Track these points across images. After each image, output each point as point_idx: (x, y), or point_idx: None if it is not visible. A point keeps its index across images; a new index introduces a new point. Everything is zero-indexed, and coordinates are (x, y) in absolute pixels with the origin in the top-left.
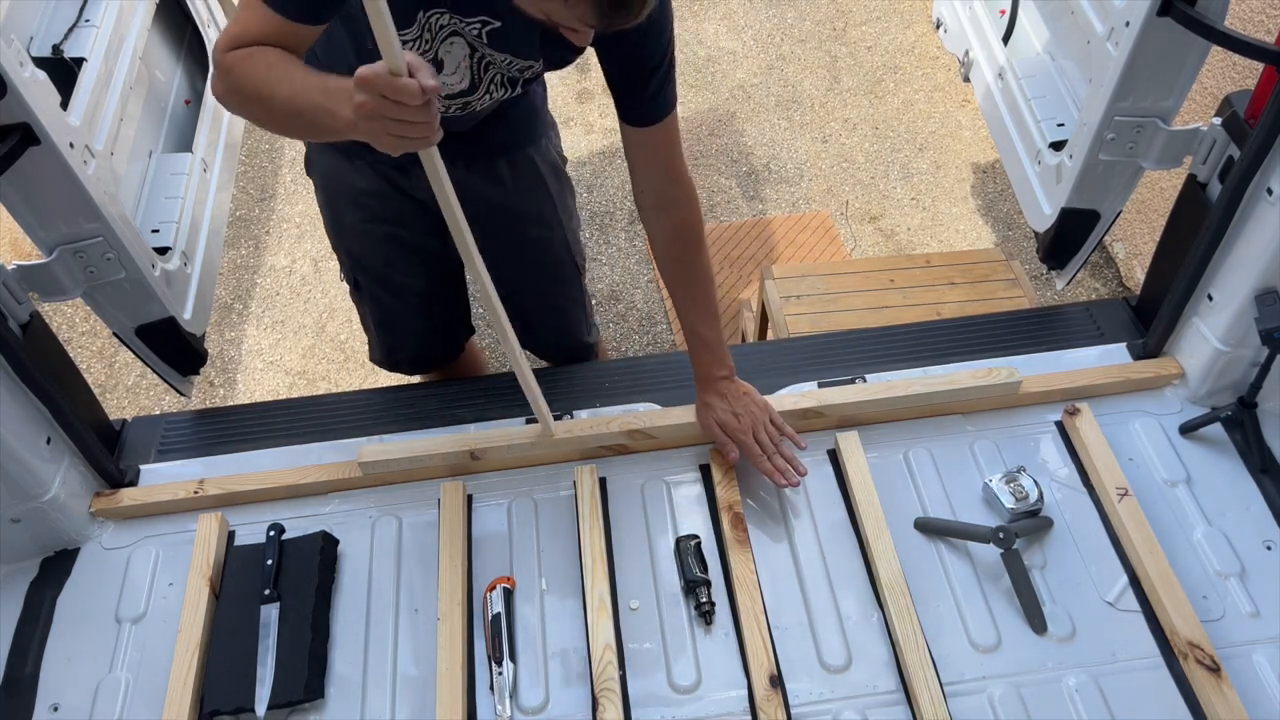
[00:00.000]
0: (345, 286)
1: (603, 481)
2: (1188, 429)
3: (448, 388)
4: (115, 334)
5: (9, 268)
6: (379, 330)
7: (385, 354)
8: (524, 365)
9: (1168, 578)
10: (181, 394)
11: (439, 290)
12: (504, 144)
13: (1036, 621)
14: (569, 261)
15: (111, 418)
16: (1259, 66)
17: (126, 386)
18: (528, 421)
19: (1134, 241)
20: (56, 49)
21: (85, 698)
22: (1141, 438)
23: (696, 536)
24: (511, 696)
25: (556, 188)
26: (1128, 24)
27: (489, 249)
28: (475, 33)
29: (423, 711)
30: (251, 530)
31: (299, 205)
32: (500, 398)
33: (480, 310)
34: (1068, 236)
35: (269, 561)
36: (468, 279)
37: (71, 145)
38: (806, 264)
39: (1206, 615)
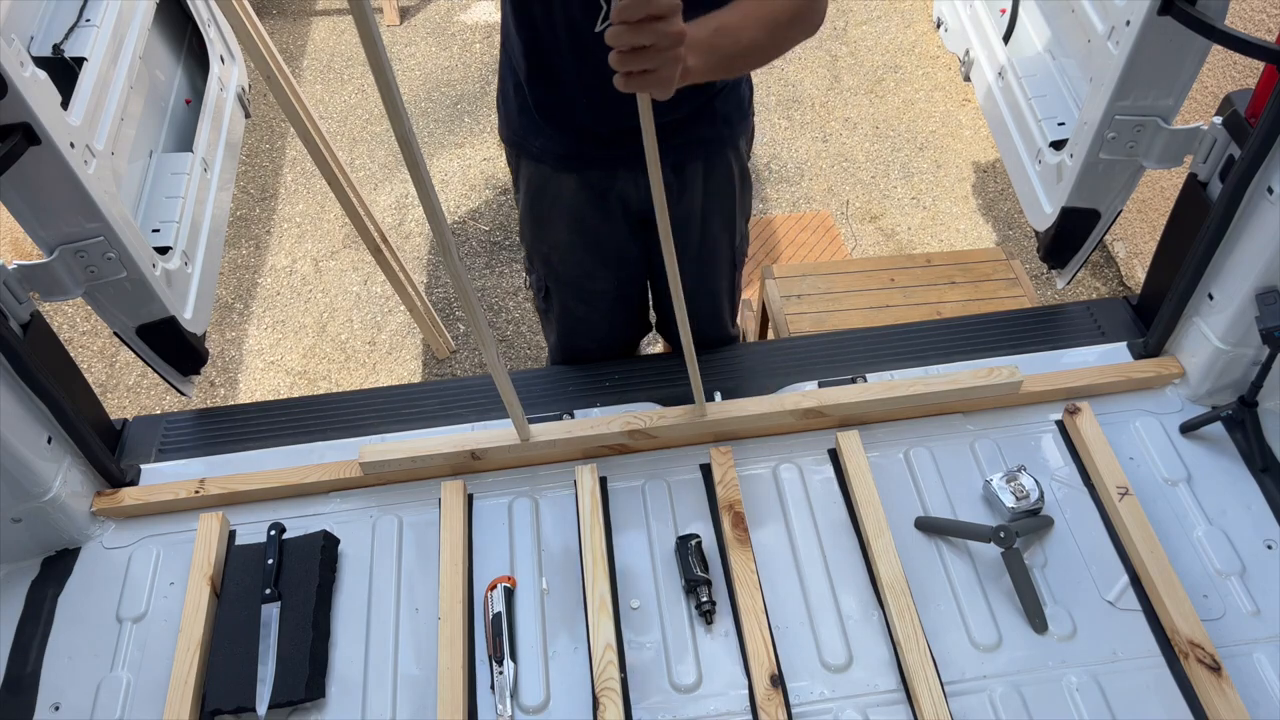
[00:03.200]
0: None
1: (603, 481)
2: (1188, 428)
3: (448, 387)
4: (116, 333)
5: (10, 267)
6: (565, 336)
7: (567, 360)
8: (503, 373)
9: (1168, 577)
10: (182, 394)
11: (629, 293)
12: (707, 141)
13: (1037, 621)
14: (730, 259)
15: (112, 417)
16: (1259, 65)
17: (127, 386)
18: (533, 421)
19: (1134, 240)
20: (57, 49)
21: (86, 697)
22: (1142, 437)
23: (697, 536)
24: (512, 696)
25: (741, 192)
26: (1128, 23)
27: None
28: None
29: (423, 711)
30: (252, 530)
31: (300, 205)
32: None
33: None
34: (1068, 235)
35: (270, 561)
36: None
37: (72, 145)
38: (807, 263)
39: (1207, 614)
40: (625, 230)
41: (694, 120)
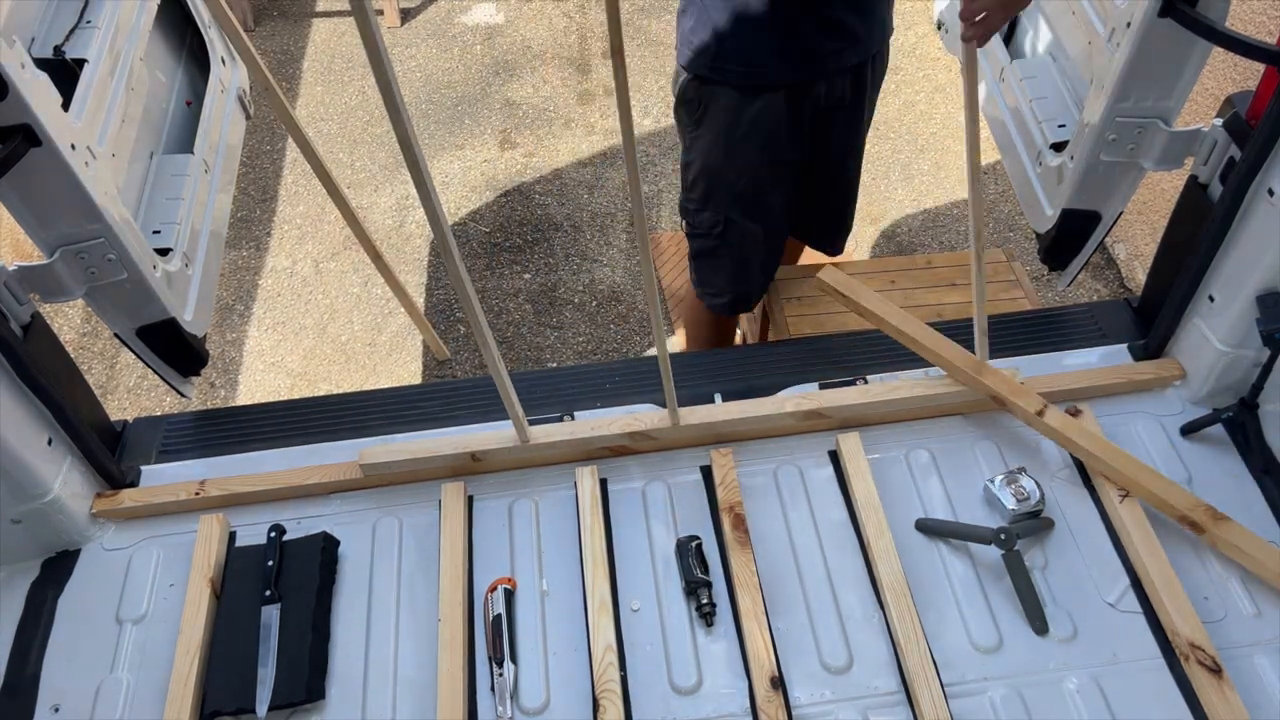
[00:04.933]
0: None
1: (603, 482)
2: (1189, 430)
3: (449, 389)
4: (116, 335)
5: (10, 268)
6: (738, 270)
7: (734, 298)
8: (503, 374)
9: (1169, 578)
10: (182, 395)
11: (788, 209)
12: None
13: (1038, 622)
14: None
15: (113, 419)
16: (1260, 67)
17: (128, 387)
18: (534, 423)
19: (1135, 242)
20: (58, 50)
21: (86, 698)
22: (1143, 438)
23: (697, 537)
24: (512, 697)
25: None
26: (1129, 25)
27: (841, 143)
28: None
29: (423, 712)
30: (252, 531)
31: (300, 206)
32: (500, 398)
33: None
34: (1069, 237)
35: (270, 562)
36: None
37: (73, 146)
38: (808, 265)
39: (1208, 616)
40: (801, 139)
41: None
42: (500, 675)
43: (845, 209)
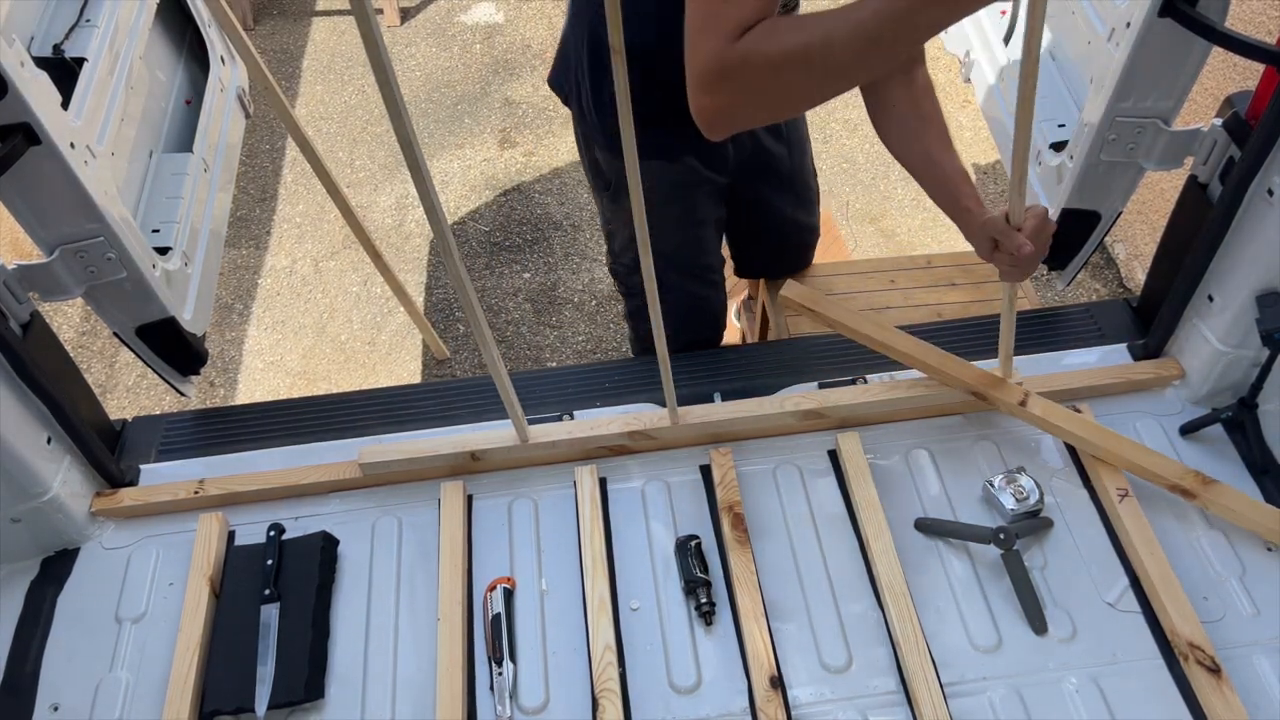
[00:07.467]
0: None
1: (603, 482)
2: (1188, 430)
3: (448, 388)
4: (116, 334)
5: (10, 267)
6: (687, 324)
7: (687, 345)
8: (503, 374)
9: (1168, 578)
10: (182, 394)
11: (719, 260)
12: None
13: (1037, 622)
14: (814, 183)
15: (112, 418)
16: (1260, 67)
17: (127, 386)
18: (533, 422)
19: (1135, 242)
20: (57, 49)
21: (85, 697)
22: (1142, 438)
23: (697, 537)
24: (512, 697)
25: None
26: (1129, 24)
27: (767, 187)
28: None
29: (423, 711)
30: (252, 530)
31: (300, 205)
32: (499, 398)
33: None
34: (1068, 237)
35: (269, 561)
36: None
37: (72, 145)
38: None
39: (1207, 616)
40: (718, 196)
41: None
42: (499, 674)
43: (801, 228)
